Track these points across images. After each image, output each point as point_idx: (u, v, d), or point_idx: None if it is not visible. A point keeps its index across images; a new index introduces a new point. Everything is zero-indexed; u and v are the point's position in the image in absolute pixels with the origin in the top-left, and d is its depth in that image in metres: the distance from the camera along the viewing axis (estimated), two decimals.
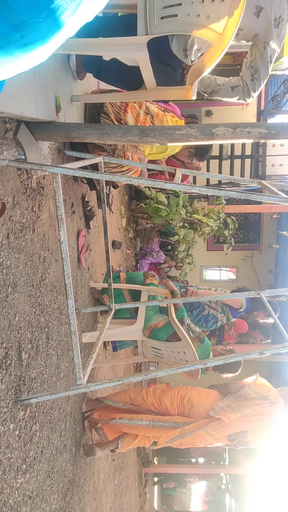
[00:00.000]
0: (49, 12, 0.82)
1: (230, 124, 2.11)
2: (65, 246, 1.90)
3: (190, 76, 2.34)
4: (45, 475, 2.36)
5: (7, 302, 1.92)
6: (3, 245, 1.90)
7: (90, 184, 3.37)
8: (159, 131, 2.19)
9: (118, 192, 5.58)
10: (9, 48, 0.85)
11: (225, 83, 2.62)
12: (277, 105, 6.94)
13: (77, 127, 2.23)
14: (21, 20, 0.81)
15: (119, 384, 2.09)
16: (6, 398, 1.89)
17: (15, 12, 0.80)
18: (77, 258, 3.32)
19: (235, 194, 1.94)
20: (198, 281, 9.60)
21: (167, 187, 2.00)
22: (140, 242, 6.65)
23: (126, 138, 2.21)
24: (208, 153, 3.62)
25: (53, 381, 2.51)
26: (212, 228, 5.26)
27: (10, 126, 1.97)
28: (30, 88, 1.99)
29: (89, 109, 2.93)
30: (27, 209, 2.16)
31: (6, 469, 1.89)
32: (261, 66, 2.39)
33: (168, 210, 4.82)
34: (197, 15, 2.06)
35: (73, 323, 1.99)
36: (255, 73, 2.44)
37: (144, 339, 3.47)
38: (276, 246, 9.20)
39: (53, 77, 2.32)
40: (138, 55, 2.25)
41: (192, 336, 3.25)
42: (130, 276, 3.95)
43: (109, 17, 2.61)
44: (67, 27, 0.88)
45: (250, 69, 2.45)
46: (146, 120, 2.94)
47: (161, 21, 2.15)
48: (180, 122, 3.21)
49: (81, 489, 3.08)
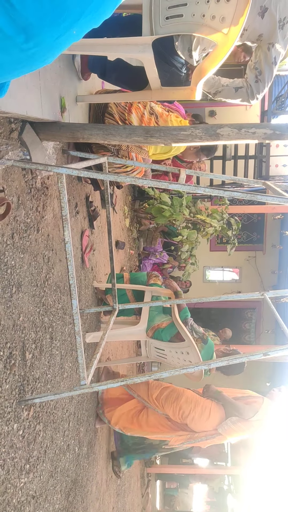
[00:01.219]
0: (54, 16, 0.82)
1: (235, 124, 2.10)
2: (70, 247, 1.90)
3: (195, 77, 2.34)
4: (48, 475, 2.36)
5: (12, 302, 1.92)
6: (8, 245, 1.90)
7: (94, 185, 3.37)
8: (163, 131, 2.18)
9: (122, 192, 5.58)
10: (13, 50, 0.85)
11: (229, 84, 2.61)
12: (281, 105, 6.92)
13: (82, 128, 2.24)
14: (27, 22, 0.81)
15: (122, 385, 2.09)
16: (10, 398, 1.90)
17: (20, 14, 0.79)
18: (81, 258, 3.32)
19: (240, 194, 1.94)
20: (201, 281, 9.59)
21: (172, 187, 2.00)
22: (143, 242, 6.65)
23: (131, 139, 2.21)
24: (215, 148, 3.60)
25: (57, 381, 2.52)
26: (216, 228, 5.26)
27: (15, 126, 1.97)
28: (35, 88, 1.99)
29: (94, 109, 2.93)
30: (31, 209, 2.17)
31: (10, 468, 1.89)
32: (265, 67, 2.39)
33: (171, 211, 4.82)
34: (202, 15, 2.06)
35: (77, 323, 1.99)
36: (260, 75, 2.44)
37: (147, 340, 3.47)
38: (279, 247, 9.18)
39: (58, 78, 2.32)
40: (143, 55, 2.25)
41: (196, 337, 3.25)
42: (134, 276, 3.95)
43: (114, 17, 2.61)
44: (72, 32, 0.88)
45: (255, 70, 2.44)
46: (150, 120, 2.94)
47: (166, 21, 2.14)
48: (184, 122, 3.20)
49: (84, 489, 3.08)
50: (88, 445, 3.28)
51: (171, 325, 3.36)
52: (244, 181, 2.81)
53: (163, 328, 3.39)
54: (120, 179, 2.00)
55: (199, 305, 8.50)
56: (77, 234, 3.24)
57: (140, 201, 6.34)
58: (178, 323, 3.22)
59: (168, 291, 3.62)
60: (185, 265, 5.82)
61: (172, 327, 3.33)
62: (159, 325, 3.43)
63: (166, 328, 3.38)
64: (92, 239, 3.61)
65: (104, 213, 3.78)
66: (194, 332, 3.27)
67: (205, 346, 3.25)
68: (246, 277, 9.66)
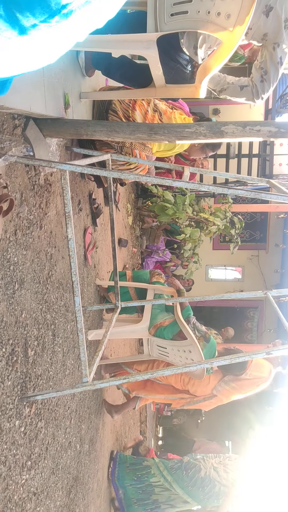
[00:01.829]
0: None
1: (239, 122, 2.09)
2: (73, 244, 1.90)
3: (199, 74, 2.33)
4: (50, 472, 2.36)
5: (14, 299, 1.92)
6: (11, 242, 1.90)
7: (97, 182, 3.37)
8: (167, 128, 2.17)
9: (125, 190, 5.57)
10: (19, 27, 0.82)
11: (235, 82, 2.60)
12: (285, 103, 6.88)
13: (86, 124, 2.23)
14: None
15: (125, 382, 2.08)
16: (12, 394, 1.90)
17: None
18: (83, 256, 3.32)
19: (244, 193, 1.93)
20: (203, 280, 9.57)
21: (176, 185, 1.99)
22: (146, 240, 6.64)
23: (135, 136, 2.20)
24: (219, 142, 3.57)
25: (59, 378, 2.52)
26: (219, 227, 5.24)
27: (19, 123, 1.96)
28: (39, 84, 1.99)
29: (97, 106, 2.92)
30: (34, 206, 2.16)
31: (12, 465, 1.89)
32: (271, 67, 2.37)
33: (174, 209, 4.80)
34: (208, 12, 2.05)
35: (80, 321, 1.99)
36: (265, 74, 2.42)
37: (149, 338, 3.46)
38: (282, 246, 9.15)
39: (62, 74, 2.32)
40: (147, 52, 2.24)
41: (198, 335, 3.24)
42: (136, 274, 3.95)
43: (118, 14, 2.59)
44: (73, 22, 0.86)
45: (260, 70, 2.43)
46: (154, 117, 2.93)
47: (171, 18, 2.13)
48: (188, 120, 3.19)
49: (85, 486, 3.08)
50: (90, 443, 3.28)
51: (173, 323, 3.35)
52: (248, 180, 2.80)
53: (165, 326, 3.39)
54: (124, 176, 1.99)
55: (201, 303, 8.49)
56: (80, 232, 3.23)
57: (143, 199, 6.33)
58: (180, 321, 3.22)
59: (171, 289, 3.62)
60: (187, 263, 5.81)
61: (175, 325, 3.32)
62: (162, 323, 3.43)
63: (168, 326, 3.37)
64: (95, 237, 3.61)
65: (107, 211, 3.77)
66: (197, 331, 3.26)
67: (207, 344, 3.25)
68: (248, 276, 9.64)
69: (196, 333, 3.23)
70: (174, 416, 10.47)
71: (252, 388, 3.57)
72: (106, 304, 3.58)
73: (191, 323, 3.26)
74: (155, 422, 9.69)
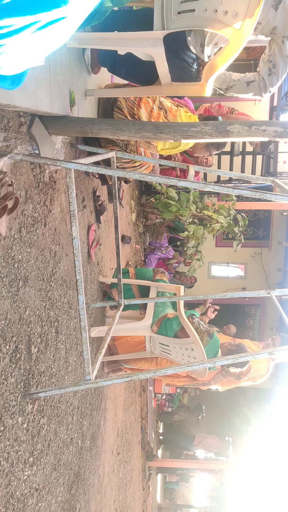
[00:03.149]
0: None
1: (245, 121, 2.09)
2: (77, 242, 1.90)
3: (206, 72, 2.32)
4: (52, 468, 2.37)
5: (18, 296, 1.92)
6: (15, 239, 1.90)
7: (102, 179, 3.36)
8: (173, 127, 2.17)
9: (129, 187, 5.56)
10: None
11: (240, 78, 2.59)
12: None
13: (91, 122, 2.22)
14: None
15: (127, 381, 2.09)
16: (15, 391, 1.91)
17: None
18: (87, 253, 3.33)
19: (249, 193, 1.93)
20: (206, 277, 9.57)
21: (181, 184, 1.99)
22: (149, 237, 6.63)
23: (140, 134, 2.20)
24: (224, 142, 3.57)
25: (61, 375, 2.53)
26: (222, 224, 5.23)
27: (24, 120, 1.96)
28: (45, 82, 1.98)
29: (103, 103, 2.92)
30: (39, 203, 2.16)
31: (14, 461, 1.90)
32: (280, 60, 2.36)
33: (178, 206, 4.79)
34: (215, 11, 2.04)
35: (83, 319, 2.00)
36: (273, 67, 2.41)
37: (152, 335, 3.47)
38: (285, 244, 9.13)
39: (68, 71, 2.31)
40: (154, 50, 2.24)
41: (202, 330, 3.25)
42: (139, 271, 3.95)
43: (124, 11, 2.59)
44: None
45: (268, 63, 2.42)
46: (159, 115, 2.92)
47: (178, 16, 2.12)
48: (193, 117, 3.18)
49: (86, 482, 3.10)
50: (91, 439, 3.30)
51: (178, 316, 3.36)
52: (252, 179, 2.79)
53: (169, 318, 3.40)
54: (129, 175, 1.99)
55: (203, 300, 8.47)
56: (84, 229, 3.23)
57: (146, 195, 6.32)
58: (182, 318, 3.22)
59: (174, 287, 3.62)
60: (190, 260, 5.80)
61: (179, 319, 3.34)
62: (167, 315, 3.46)
63: (173, 318, 3.38)
64: (99, 234, 3.61)
65: (111, 208, 3.78)
66: (201, 326, 3.27)
67: (210, 340, 3.25)
68: (251, 274, 9.63)
69: (200, 327, 3.24)
70: (174, 412, 10.51)
71: (249, 382, 3.76)
72: (109, 301, 3.58)
73: (195, 321, 3.27)
74: (156, 418, 9.72)
